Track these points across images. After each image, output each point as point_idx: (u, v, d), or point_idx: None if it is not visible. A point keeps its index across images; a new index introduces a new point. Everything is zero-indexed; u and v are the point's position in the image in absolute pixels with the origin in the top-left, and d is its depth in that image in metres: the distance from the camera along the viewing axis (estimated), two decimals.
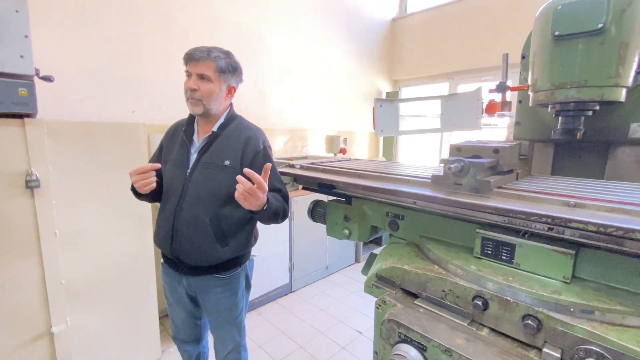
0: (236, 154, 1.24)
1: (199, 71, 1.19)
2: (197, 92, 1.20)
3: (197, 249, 1.23)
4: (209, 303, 1.33)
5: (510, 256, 0.77)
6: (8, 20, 1.32)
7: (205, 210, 1.21)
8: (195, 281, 1.30)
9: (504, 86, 1.22)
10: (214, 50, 1.21)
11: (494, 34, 3.62)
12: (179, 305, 1.40)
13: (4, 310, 1.42)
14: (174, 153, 1.30)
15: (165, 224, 1.26)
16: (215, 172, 1.22)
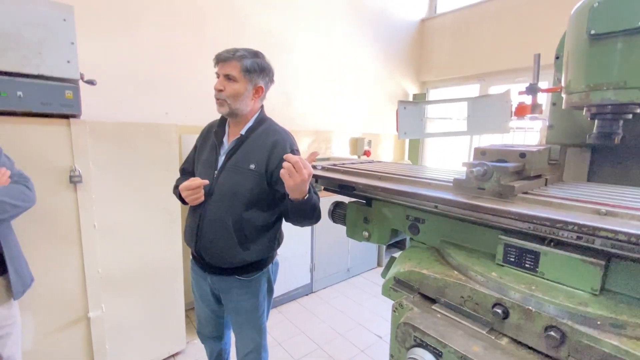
0: (262, 158, 1.24)
1: (225, 72, 1.20)
2: (223, 93, 1.21)
3: (219, 250, 1.24)
4: (230, 303, 1.35)
5: (534, 264, 0.74)
6: (57, 29, 1.45)
7: (229, 213, 1.22)
8: (218, 280, 1.33)
9: (535, 88, 1.17)
10: (240, 50, 1.21)
11: (528, 34, 3.46)
12: (203, 301, 1.44)
13: (48, 294, 1.55)
14: (205, 154, 1.32)
15: (192, 223, 1.29)
16: (240, 176, 1.23)
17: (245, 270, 1.30)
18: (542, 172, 0.97)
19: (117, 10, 2.23)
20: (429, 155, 4.68)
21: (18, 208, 1.18)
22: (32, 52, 1.40)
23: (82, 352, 1.69)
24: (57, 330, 1.61)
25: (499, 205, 0.77)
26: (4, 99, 1.36)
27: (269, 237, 1.32)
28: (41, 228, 1.51)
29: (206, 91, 2.62)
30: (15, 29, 1.35)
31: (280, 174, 1.05)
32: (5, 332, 1.24)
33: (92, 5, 2.12)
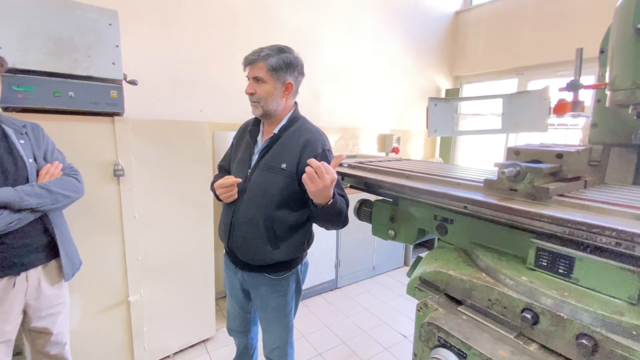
0: (294, 157, 1.22)
1: (254, 74, 1.21)
2: (255, 95, 1.22)
3: (249, 247, 1.25)
4: (258, 299, 1.37)
5: (568, 270, 0.71)
6: (103, 33, 1.56)
7: (260, 211, 1.22)
8: (248, 276, 1.34)
9: (577, 84, 1.11)
10: (264, 50, 1.19)
11: (571, 26, 3.23)
12: (232, 296, 1.48)
13: (93, 277, 1.69)
14: (240, 152, 1.34)
15: (225, 220, 1.31)
16: (272, 175, 1.22)
17: (275, 269, 1.30)
18: (581, 174, 0.92)
19: (155, 14, 2.35)
20: (461, 153, 4.52)
21: (69, 198, 1.30)
22: (82, 56, 1.52)
23: (122, 333, 1.83)
24: (100, 312, 1.75)
25: (531, 208, 0.75)
26: (58, 99, 1.49)
27: (299, 237, 1.30)
28: (88, 217, 1.64)
29: (237, 89, 2.70)
30: (68, 34, 1.48)
31: (302, 178, 1.04)
32: (57, 310, 1.37)
33: (133, 10, 2.25)
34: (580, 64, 1.14)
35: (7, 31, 1.36)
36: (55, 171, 1.29)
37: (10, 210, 1.12)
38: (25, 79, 1.41)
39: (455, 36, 4.38)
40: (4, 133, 1.21)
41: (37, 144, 1.30)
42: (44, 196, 1.20)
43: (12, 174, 1.18)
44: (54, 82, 1.47)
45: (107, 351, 1.80)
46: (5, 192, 1.11)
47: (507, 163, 0.83)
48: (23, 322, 1.29)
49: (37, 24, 1.41)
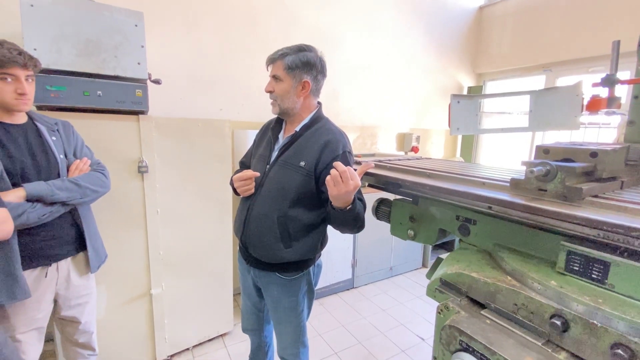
0: (313, 156, 1.20)
1: (273, 73, 1.23)
2: (273, 93, 1.24)
3: (262, 244, 1.24)
4: (270, 298, 1.35)
5: (602, 275, 0.67)
6: (129, 34, 1.60)
7: (274, 208, 1.21)
8: (260, 275, 1.33)
9: (613, 79, 1.04)
10: (284, 49, 1.22)
11: (605, 18, 3.06)
12: (245, 293, 1.47)
13: (118, 270, 1.75)
14: (261, 149, 1.35)
15: (241, 214, 1.32)
16: (290, 172, 1.21)
17: (286, 268, 1.28)
18: (617, 174, 0.87)
19: (178, 14, 2.40)
20: (484, 153, 4.38)
21: (97, 193, 1.35)
22: (109, 56, 1.57)
23: (144, 324, 1.89)
24: (124, 303, 1.81)
25: (563, 209, 0.71)
26: (87, 98, 1.55)
27: (313, 238, 1.27)
28: (113, 212, 1.70)
29: (257, 88, 2.73)
30: (96, 35, 1.53)
31: (326, 180, 1.03)
32: (84, 300, 1.43)
33: (157, 11, 2.31)
34: (617, 57, 1.07)
35: (41, 34, 1.42)
36: (84, 167, 1.35)
37: (43, 203, 1.18)
38: (57, 79, 1.48)
39: (478, 32, 4.25)
40: (37, 130, 1.27)
41: (68, 140, 1.35)
42: (74, 190, 1.25)
43: (44, 169, 1.24)
44: (83, 81, 1.53)
45: (130, 341, 1.86)
46: (39, 186, 1.17)
47: (536, 162, 0.80)
48: (53, 311, 1.35)
49: (68, 26, 1.47)
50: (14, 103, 1.16)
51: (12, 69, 1.12)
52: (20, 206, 1.12)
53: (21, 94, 1.16)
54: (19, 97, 1.16)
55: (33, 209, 1.15)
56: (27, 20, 1.39)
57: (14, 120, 1.22)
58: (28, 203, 1.14)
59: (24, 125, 1.25)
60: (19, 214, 1.11)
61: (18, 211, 1.11)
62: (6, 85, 1.13)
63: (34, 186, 1.16)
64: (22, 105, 1.18)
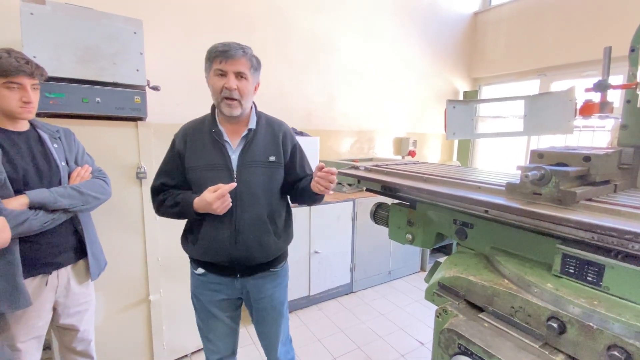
0: (277, 148, 1.26)
1: (237, 69, 1.13)
2: (236, 92, 1.13)
3: (261, 246, 1.23)
4: (263, 300, 1.32)
5: (597, 278, 0.68)
6: (128, 41, 1.62)
7: (264, 208, 1.22)
8: (251, 280, 1.29)
9: (605, 84, 1.07)
10: (245, 47, 1.17)
11: (598, 23, 3.11)
12: (223, 314, 1.34)
13: (117, 277, 1.74)
14: (207, 157, 1.21)
15: (224, 230, 1.20)
16: (263, 169, 1.22)
17: (278, 260, 1.33)
18: (610, 178, 0.88)
19: (177, 22, 2.43)
20: (480, 157, 4.42)
21: (98, 200, 1.35)
22: (108, 63, 1.58)
23: (142, 331, 1.88)
24: (122, 309, 1.80)
25: (557, 213, 0.72)
26: (86, 105, 1.56)
27: (290, 223, 1.36)
28: (112, 218, 1.70)
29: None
30: (96, 43, 1.54)
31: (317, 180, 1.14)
32: (84, 308, 1.42)
33: (156, 19, 2.33)
34: (609, 63, 1.09)
35: (41, 42, 1.43)
36: (85, 174, 1.35)
37: (45, 210, 1.18)
38: (56, 86, 1.49)
39: (473, 37, 4.31)
40: (40, 138, 1.28)
41: (69, 148, 1.36)
42: (76, 197, 1.26)
43: (46, 177, 1.25)
44: (82, 88, 1.54)
45: (129, 348, 1.85)
46: (41, 194, 1.17)
47: (531, 166, 0.81)
48: (52, 319, 1.34)
49: (67, 34, 1.48)
50: (19, 111, 1.17)
51: (18, 78, 1.13)
52: (22, 213, 1.12)
53: (27, 102, 1.16)
54: (25, 105, 1.17)
55: (35, 217, 1.15)
56: (27, 28, 1.40)
57: (17, 128, 1.23)
58: (31, 210, 1.14)
59: (27, 132, 1.25)
60: (21, 222, 1.11)
61: (21, 218, 1.11)
62: (12, 93, 1.14)
63: (36, 193, 1.16)
64: (27, 113, 1.19)
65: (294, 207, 2.55)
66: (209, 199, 1.10)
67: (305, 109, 3.17)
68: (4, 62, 1.09)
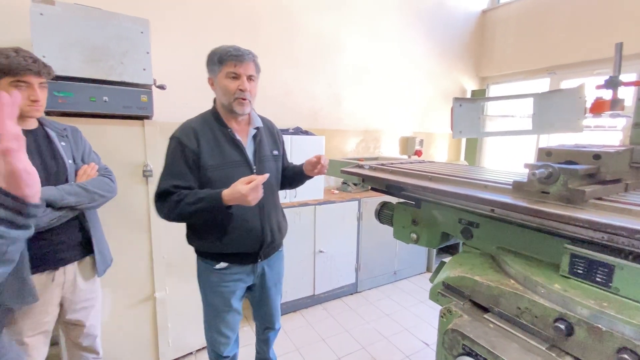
0: (277, 143, 1.46)
1: (248, 72, 1.25)
2: (248, 92, 1.25)
3: (279, 229, 1.42)
4: (273, 277, 1.48)
5: (607, 279, 0.67)
6: (135, 40, 1.63)
7: (276, 196, 1.43)
8: (268, 262, 1.43)
9: (616, 81, 1.04)
10: (248, 50, 1.29)
11: (609, 20, 3.04)
12: (237, 304, 1.40)
13: (123, 274, 1.76)
14: (226, 155, 1.26)
15: (253, 219, 1.29)
16: (272, 163, 1.40)
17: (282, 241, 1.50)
18: (621, 176, 0.86)
19: (183, 21, 2.44)
20: (488, 157, 4.36)
21: (104, 197, 1.37)
22: (116, 62, 1.60)
23: (148, 328, 1.90)
24: (128, 306, 1.82)
25: (566, 212, 0.70)
26: (94, 104, 1.58)
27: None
28: (119, 216, 1.72)
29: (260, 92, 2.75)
30: (103, 42, 1.56)
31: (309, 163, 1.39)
32: (90, 304, 1.44)
33: (163, 18, 2.35)
34: (620, 59, 1.07)
35: (50, 42, 1.45)
36: (91, 172, 1.37)
37: (52, 207, 1.19)
38: (64, 85, 1.51)
39: (481, 35, 4.25)
40: (47, 136, 1.30)
41: (76, 146, 1.38)
42: (82, 195, 1.27)
43: (53, 174, 1.26)
44: (90, 87, 1.56)
45: (134, 344, 1.87)
46: (49, 191, 1.18)
47: (538, 164, 0.79)
48: (59, 315, 1.36)
49: (76, 34, 1.50)
50: (26, 109, 1.18)
51: (26, 77, 1.15)
52: None
53: (34, 100, 1.18)
54: (32, 103, 1.18)
55: (43, 214, 1.17)
56: (37, 28, 1.42)
57: (26, 126, 1.25)
58: None
59: (35, 130, 1.27)
60: None
61: None
62: (20, 91, 1.16)
63: (44, 191, 1.17)
64: (34, 111, 1.20)
65: (299, 207, 2.56)
66: (243, 191, 1.10)
67: (310, 109, 3.16)
68: (11, 61, 1.11)
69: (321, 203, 2.67)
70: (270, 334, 1.63)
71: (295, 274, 2.61)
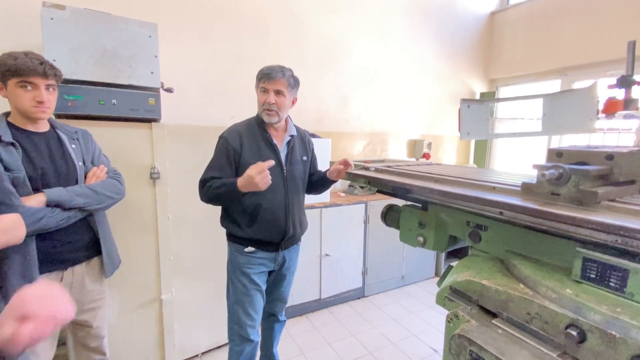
0: (307, 150, 1.66)
1: (276, 88, 1.42)
2: (274, 105, 1.43)
3: (301, 223, 1.61)
4: (292, 266, 1.67)
5: (620, 283, 0.64)
6: (144, 44, 1.66)
7: (301, 194, 1.62)
8: (289, 252, 1.62)
9: (629, 80, 1.01)
10: (285, 70, 1.45)
11: (621, 20, 2.98)
12: (263, 286, 1.60)
13: (130, 275, 1.77)
14: (264, 155, 1.47)
15: (279, 212, 1.50)
16: (300, 166, 1.58)
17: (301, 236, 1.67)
18: (635, 178, 0.83)
19: (191, 25, 2.48)
20: (498, 159, 4.29)
21: (112, 199, 1.38)
22: (124, 66, 1.62)
23: (154, 329, 1.90)
24: (135, 308, 1.83)
25: (577, 214, 0.68)
26: (102, 107, 1.60)
27: None
28: (126, 218, 1.73)
29: None
30: (112, 46, 1.59)
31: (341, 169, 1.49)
32: (97, 305, 1.45)
33: (171, 22, 2.38)
34: (633, 58, 1.04)
35: (60, 46, 1.48)
36: (101, 174, 1.39)
37: (61, 208, 1.21)
38: (74, 88, 1.53)
39: (490, 37, 4.21)
40: (59, 138, 1.32)
41: (87, 148, 1.40)
42: (91, 196, 1.29)
43: (63, 176, 1.28)
44: (99, 91, 1.59)
45: (141, 346, 1.87)
46: (58, 192, 1.20)
47: (548, 165, 0.77)
48: None
49: (85, 38, 1.53)
50: (32, 110, 1.20)
51: (32, 78, 1.17)
52: (40, 211, 1.15)
53: (40, 102, 1.20)
54: (38, 105, 1.20)
55: (52, 214, 1.18)
56: (48, 32, 1.45)
57: (37, 129, 1.27)
58: (47, 208, 1.18)
59: (47, 133, 1.30)
60: (38, 219, 1.14)
61: (38, 216, 1.14)
62: (26, 93, 1.18)
63: (54, 192, 1.19)
64: (40, 113, 1.22)
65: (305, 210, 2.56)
66: (250, 173, 1.29)
67: (317, 111, 3.16)
68: (19, 63, 1.13)
69: (327, 206, 2.66)
70: (275, 324, 1.78)
71: (301, 277, 2.59)
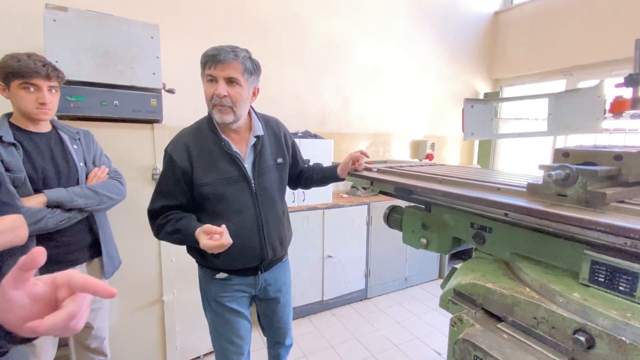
0: (282, 148, 1.32)
1: (228, 74, 1.07)
2: (227, 98, 1.08)
3: (283, 240, 1.32)
4: (282, 286, 1.38)
5: (631, 287, 0.62)
6: (145, 45, 1.66)
7: (279, 206, 1.30)
8: (271, 273, 1.33)
9: (636, 79, 0.99)
10: (239, 50, 1.10)
11: (628, 18, 2.94)
12: (246, 311, 1.34)
13: (131, 276, 1.77)
14: (221, 171, 1.16)
15: (251, 236, 1.20)
16: (275, 172, 1.27)
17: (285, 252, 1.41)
18: None
19: (193, 27, 2.48)
20: (502, 160, 4.25)
21: (113, 200, 1.38)
22: (126, 67, 1.62)
23: (156, 331, 1.90)
24: (136, 309, 1.82)
25: (585, 215, 0.66)
26: (104, 108, 1.60)
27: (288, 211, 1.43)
28: (128, 218, 1.73)
29: (270, 98, 2.76)
30: (114, 47, 1.59)
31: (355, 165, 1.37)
32: (97, 306, 1.45)
33: (173, 23, 2.39)
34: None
35: (62, 47, 1.49)
36: (102, 175, 1.39)
37: (62, 209, 1.21)
38: (76, 89, 1.54)
39: (494, 37, 4.18)
40: (60, 139, 1.32)
41: (88, 149, 1.40)
42: (92, 197, 1.29)
43: (64, 176, 1.29)
44: (101, 92, 1.59)
45: (142, 348, 1.87)
46: (59, 193, 1.20)
47: (555, 165, 0.75)
48: None
49: (87, 39, 1.53)
50: (34, 112, 1.21)
51: (34, 79, 1.17)
52: (40, 212, 1.15)
53: (42, 103, 1.20)
54: (40, 106, 1.20)
55: (52, 215, 1.18)
56: (50, 33, 1.46)
57: (39, 129, 1.27)
58: (48, 209, 1.18)
59: (48, 133, 1.30)
60: (38, 219, 1.14)
61: (38, 216, 1.14)
62: (29, 94, 1.18)
63: (54, 192, 1.19)
64: (42, 114, 1.23)
65: (307, 211, 2.54)
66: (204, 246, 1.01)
67: (319, 112, 3.15)
68: (21, 64, 1.14)
69: (330, 207, 2.64)
70: (280, 349, 1.50)
71: (303, 279, 2.58)
